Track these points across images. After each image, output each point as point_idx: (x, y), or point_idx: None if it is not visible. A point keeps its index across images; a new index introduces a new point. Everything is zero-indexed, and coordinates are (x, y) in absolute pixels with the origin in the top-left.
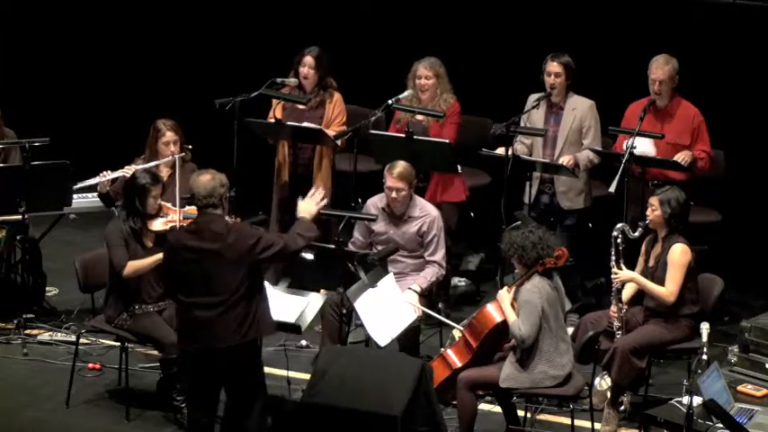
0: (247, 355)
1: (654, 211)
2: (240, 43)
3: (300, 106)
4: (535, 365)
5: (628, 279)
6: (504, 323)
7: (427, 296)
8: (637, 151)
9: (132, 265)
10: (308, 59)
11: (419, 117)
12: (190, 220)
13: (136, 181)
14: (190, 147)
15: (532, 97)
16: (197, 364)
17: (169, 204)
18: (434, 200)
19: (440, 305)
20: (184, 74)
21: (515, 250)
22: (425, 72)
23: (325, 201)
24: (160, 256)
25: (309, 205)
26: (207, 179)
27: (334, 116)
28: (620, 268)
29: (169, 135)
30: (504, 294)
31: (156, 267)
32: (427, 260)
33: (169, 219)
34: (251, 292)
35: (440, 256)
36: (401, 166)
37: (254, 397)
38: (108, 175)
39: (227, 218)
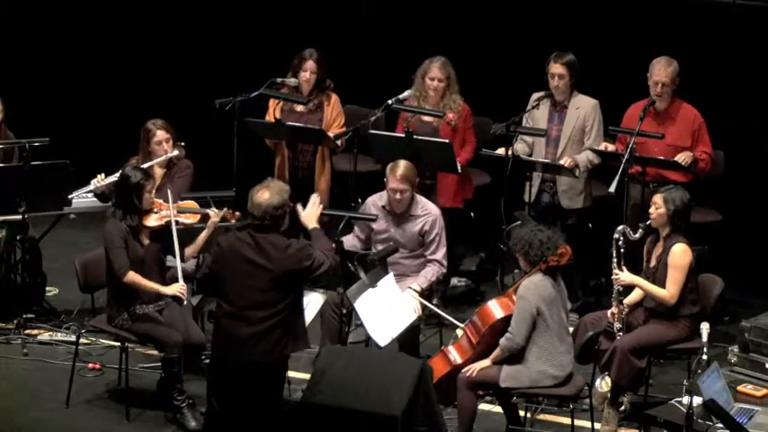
0: (277, 371)
1: (657, 209)
2: (240, 43)
3: (299, 108)
4: (534, 363)
5: (629, 281)
6: (505, 320)
7: (427, 296)
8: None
9: (134, 277)
10: (311, 64)
11: (428, 118)
12: (185, 215)
13: (129, 180)
14: (182, 143)
15: (535, 96)
16: (227, 376)
17: (161, 200)
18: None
19: (434, 300)
20: (184, 74)
21: (522, 246)
22: (438, 74)
23: (322, 204)
24: (160, 288)
25: (314, 211)
26: (263, 198)
27: (333, 118)
28: (621, 270)
29: (160, 134)
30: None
31: (155, 267)
32: (428, 259)
33: (163, 214)
34: (293, 309)
35: (440, 254)
36: (403, 167)
37: (271, 411)
38: (103, 181)
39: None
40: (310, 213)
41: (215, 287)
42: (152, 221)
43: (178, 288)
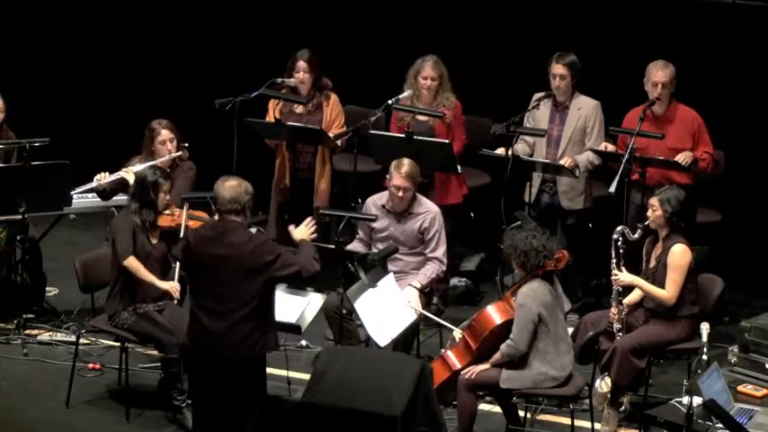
0: (251, 370)
1: (654, 211)
2: (240, 43)
3: (299, 109)
4: (535, 366)
5: (628, 281)
6: (504, 325)
7: (427, 293)
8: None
9: (134, 263)
10: (302, 64)
11: (423, 117)
12: (194, 222)
13: (147, 177)
14: (186, 145)
15: (536, 96)
16: (201, 371)
17: (175, 205)
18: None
19: (434, 299)
20: (184, 74)
21: (517, 255)
22: (431, 73)
23: (314, 228)
24: (155, 280)
25: (305, 231)
26: (233, 185)
27: (333, 119)
28: (620, 270)
29: (164, 134)
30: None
31: (158, 266)
32: (428, 257)
33: (175, 218)
34: (262, 307)
35: (440, 252)
36: (408, 164)
37: (252, 410)
38: (105, 179)
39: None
40: (302, 231)
41: (190, 282)
42: (163, 222)
43: (172, 285)
